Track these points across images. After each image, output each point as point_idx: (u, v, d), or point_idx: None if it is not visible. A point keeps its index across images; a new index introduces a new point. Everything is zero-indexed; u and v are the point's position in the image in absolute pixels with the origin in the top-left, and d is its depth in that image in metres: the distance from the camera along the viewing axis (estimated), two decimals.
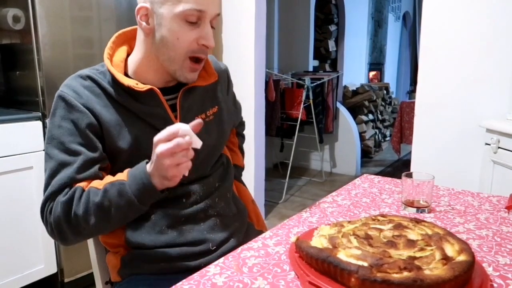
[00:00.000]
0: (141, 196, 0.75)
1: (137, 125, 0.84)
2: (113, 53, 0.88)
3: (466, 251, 0.60)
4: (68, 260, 1.90)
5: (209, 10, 0.81)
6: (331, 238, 0.65)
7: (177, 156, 0.70)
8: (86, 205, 0.76)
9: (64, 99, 0.82)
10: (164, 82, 0.89)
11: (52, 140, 0.81)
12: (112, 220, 0.77)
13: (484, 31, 1.83)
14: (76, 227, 0.77)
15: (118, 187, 0.75)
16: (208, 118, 0.93)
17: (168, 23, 0.80)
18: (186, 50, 0.82)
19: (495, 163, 1.68)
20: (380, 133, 5.31)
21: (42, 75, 1.75)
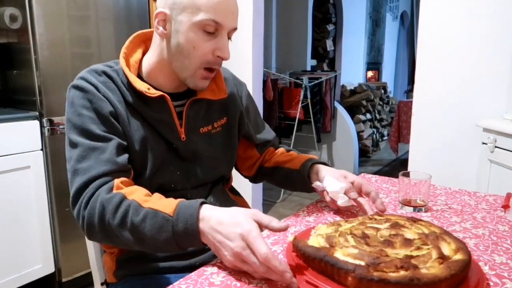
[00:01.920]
0: (182, 241, 0.67)
1: (145, 127, 0.84)
2: (129, 53, 0.88)
3: (462, 250, 0.60)
4: (66, 260, 1.90)
5: (227, 22, 0.81)
6: (328, 237, 0.65)
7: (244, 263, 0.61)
8: (123, 219, 0.70)
9: (83, 89, 0.81)
10: (174, 87, 0.89)
11: (74, 129, 0.79)
12: (145, 245, 0.70)
13: (481, 31, 1.84)
14: (108, 233, 0.72)
15: (160, 222, 0.67)
16: (215, 129, 0.93)
17: (185, 31, 0.80)
18: (201, 60, 0.82)
19: (492, 162, 1.69)
20: (378, 132, 5.32)
21: (39, 74, 1.75)
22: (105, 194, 0.72)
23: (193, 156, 0.89)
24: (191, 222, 0.65)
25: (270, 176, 1.06)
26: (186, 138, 0.87)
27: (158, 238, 0.67)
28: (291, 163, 1.00)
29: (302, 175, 0.96)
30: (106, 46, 2.01)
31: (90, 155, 0.76)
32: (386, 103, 5.55)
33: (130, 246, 0.72)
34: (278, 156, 1.06)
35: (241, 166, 1.09)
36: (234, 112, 0.98)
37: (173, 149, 0.87)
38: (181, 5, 0.79)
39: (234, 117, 0.98)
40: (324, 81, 4.03)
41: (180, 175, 0.88)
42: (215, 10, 0.78)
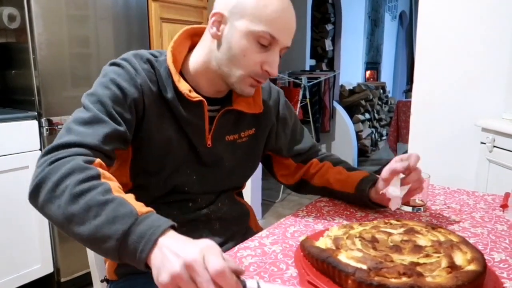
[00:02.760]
0: (130, 244, 0.58)
1: (173, 127, 0.83)
2: (177, 47, 0.85)
3: (477, 260, 0.58)
4: (65, 259, 1.90)
5: (283, 39, 0.79)
6: (336, 239, 0.65)
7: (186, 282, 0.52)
8: (84, 191, 0.62)
9: (123, 67, 0.79)
10: (213, 93, 0.87)
11: (93, 96, 0.76)
12: (80, 229, 0.61)
13: (479, 31, 1.84)
14: (53, 200, 0.63)
15: (123, 212, 0.60)
16: (241, 139, 0.92)
17: (239, 37, 0.78)
18: (249, 70, 0.80)
19: (491, 162, 1.69)
20: (377, 132, 5.33)
21: (38, 74, 1.75)
22: (82, 162, 0.66)
23: (214, 163, 0.88)
24: (154, 230, 0.57)
25: (320, 194, 1.03)
26: (211, 144, 0.86)
27: (106, 227, 0.59)
28: (343, 185, 0.95)
29: (360, 198, 0.92)
30: (105, 45, 2.01)
31: (93, 124, 0.73)
32: (385, 103, 5.55)
33: (61, 223, 0.63)
34: (326, 173, 0.98)
35: (276, 172, 1.05)
36: (264, 125, 0.95)
37: (196, 153, 0.86)
38: (242, 11, 0.77)
39: (263, 131, 0.96)
40: (323, 81, 4.04)
41: (195, 179, 0.87)
42: (275, 24, 0.77)
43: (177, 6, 2.42)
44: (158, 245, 0.57)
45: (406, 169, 0.82)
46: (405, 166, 0.82)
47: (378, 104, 5.32)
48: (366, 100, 4.96)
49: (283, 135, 1.01)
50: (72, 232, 0.62)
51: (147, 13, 2.23)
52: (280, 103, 1.01)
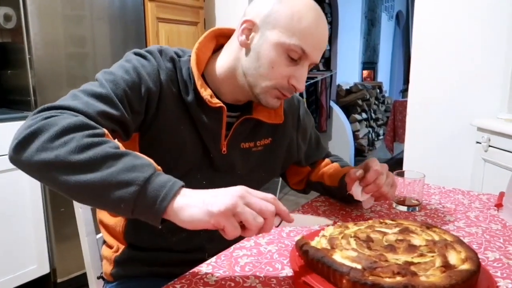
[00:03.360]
0: (149, 195, 0.56)
1: (189, 130, 0.81)
2: (201, 48, 0.82)
3: (471, 259, 0.58)
4: (61, 260, 1.89)
5: (313, 55, 0.77)
6: (331, 239, 0.66)
7: (243, 208, 0.55)
8: (93, 145, 0.58)
9: (148, 60, 0.77)
10: (234, 100, 0.85)
11: (111, 74, 0.73)
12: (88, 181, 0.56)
13: (475, 31, 1.85)
14: (49, 150, 0.57)
15: (140, 163, 0.58)
16: (256, 147, 0.90)
17: (269, 48, 0.75)
18: (275, 83, 0.77)
19: (486, 162, 1.70)
20: (374, 131, 5.34)
21: (33, 74, 1.74)
22: (86, 120, 0.63)
23: (226, 170, 0.86)
24: (175, 182, 0.58)
25: (315, 189, 1.04)
26: (226, 151, 0.84)
27: (124, 174, 0.56)
28: (331, 179, 0.96)
29: (340, 192, 0.93)
30: (101, 45, 2.00)
31: (101, 100, 0.68)
32: (381, 102, 5.56)
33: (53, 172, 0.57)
34: (322, 168, 1.01)
35: (290, 180, 1.06)
36: (282, 136, 0.93)
37: (209, 158, 0.84)
38: (275, 21, 0.75)
39: (280, 142, 0.93)
40: (320, 80, 4.04)
41: (205, 185, 0.84)
42: (308, 39, 0.75)
43: (174, 6, 2.41)
44: (181, 194, 0.57)
45: (362, 177, 0.83)
46: (359, 175, 0.83)
47: (375, 104, 5.33)
48: (363, 99, 4.97)
49: (303, 146, 1.00)
50: (71, 180, 0.56)
51: (144, 13, 2.23)
52: (301, 113, 0.99)
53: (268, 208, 0.57)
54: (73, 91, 0.70)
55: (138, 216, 0.57)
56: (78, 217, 0.95)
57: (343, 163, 1.02)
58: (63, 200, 1.83)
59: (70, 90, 0.70)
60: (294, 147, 0.97)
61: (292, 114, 0.96)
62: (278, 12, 0.75)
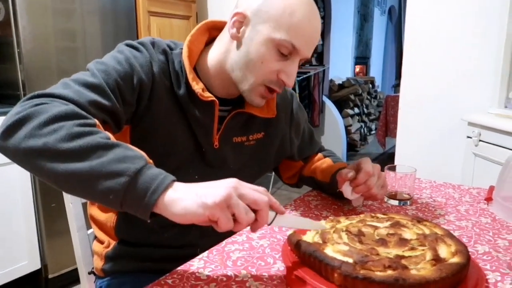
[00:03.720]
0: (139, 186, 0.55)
1: (180, 124, 0.80)
2: (194, 41, 0.81)
3: (461, 253, 0.59)
4: (52, 255, 1.88)
5: (304, 50, 0.75)
6: (323, 233, 0.66)
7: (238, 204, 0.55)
8: (83, 134, 0.57)
9: (141, 51, 0.76)
10: (225, 94, 0.84)
11: (102, 64, 0.72)
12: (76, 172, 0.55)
13: (467, 27, 1.86)
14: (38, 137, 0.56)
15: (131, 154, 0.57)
16: (249, 142, 0.89)
17: (259, 43, 0.74)
18: (264, 77, 0.76)
19: (476, 156, 1.72)
20: (366, 126, 5.36)
21: (22, 68, 1.72)
22: (77, 109, 0.61)
23: (219, 164, 0.85)
24: (166, 176, 0.57)
25: (307, 183, 1.03)
26: (218, 145, 0.83)
27: (114, 165, 0.55)
28: (323, 175, 0.96)
29: (332, 188, 0.92)
30: (92, 40, 1.98)
31: (93, 90, 0.67)
32: (374, 97, 5.59)
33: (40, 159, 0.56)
34: (314, 163, 1.01)
35: (283, 175, 1.05)
36: (275, 131, 0.93)
37: (201, 152, 0.83)
38: (266, 16, 0.73)
39: (272, 136, 0.93)
40: (313, 75, 4.04)
41: (197, 180, 0.83)
42: (299, 35, 0.73)
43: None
44: (173, 188, 0.56)
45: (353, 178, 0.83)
46: (350, 176, 0.83)
47: (367, 99, 5.36)
48: (355, 94, 4.99)
49: (296, 140, 0.99)
50: (59, 168, 0.55)
51: (135, 7, 2.21)
52: (294, 107, 0.98)
53: (262, 198, 0.56)
54: (64, 79, 0.69)
55: (127, 209, 0.56)
56: (68, 212, 0.94)
57: (336, 158, 1.02)
58: (54, 195, 1.81)
59: (62, 79, 0.69)
60: (287, 142, 0.97)
61: (285, 108, 0.95)
62: (270, 5, 0.74)
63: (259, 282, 0.60)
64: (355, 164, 0.86)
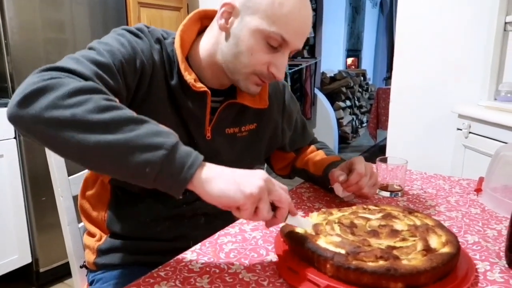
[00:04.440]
0: (174, 162, 0.54)
1: (173, 115, 0.79)
2: (186, 30, 0.79)
3: (451, 243, 0.59)
4: (43, 249, 1.87)
5: (294, 43, 0.74)
6: (315, 225, 0.66)
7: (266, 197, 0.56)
8: (110, 107, 0.55)
9: (141, 38, 0.75)
10: (217, 84, 0.83)
11: (106, 45, 0.69)
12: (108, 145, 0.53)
13: (457, 20, 1.87)
14: (62, 108, 0.53)
15: (163, 131, 0.56)
16: (241, 133, 0.88)
17: (248, 34, 0.72)
18: (254, 69, 0.75)
19: (466, 148, 1.74)
20: (357, 119, 5.38)
21: (10, 60, 1.69)
22: (99, 85, 0.60)
23: (211, 156, 0.83)
24: (198, 154, 0.57)
25: (299, 175, 1.03)
26: (211, 137, 0.83)
27: (151, 138, 0.54)
28: (315, 168, 0.96)
29: (324, 182, 0.92)
30: (81, 30, 1.95)
31: (104, 70, 0.65)
32: (365, 90, 5.60)
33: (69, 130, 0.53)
34: (307, 155, 1.01)
35: (275, 166, 1.05)
36: (267, 121, 0.92)
37: (193, 144, 0.81)
38: (255, 6, 0.72)
39: (265, 127, 0.92)
40: (304, 68, 4.04)
41: None
42: (289, 27, 0.71)
43: None
44: (207, 166, 0.57)
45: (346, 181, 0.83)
46: (342, 180, 0.83)
47: (359, 91, 5.37)
48: (347, 87, 5.00)
49: (288, 131, 0.99)
50: (91, 139, 0.52)
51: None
52: (286, 98, 0.97)
53: (287, 198, 0.59)
54: (73, 55, 0.65)
55: (160, 184, 0.55)
56: (59, 206, 0.93)
57: (328, 151, 1.02)
58: (44, 189, 1.80)
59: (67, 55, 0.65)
60: (279, 132, 0.97)
61: (277, 98, 0.95)
62: None
63: (252, 273, 0.60)
64: (348, 163, 0.86)
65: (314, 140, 1.08)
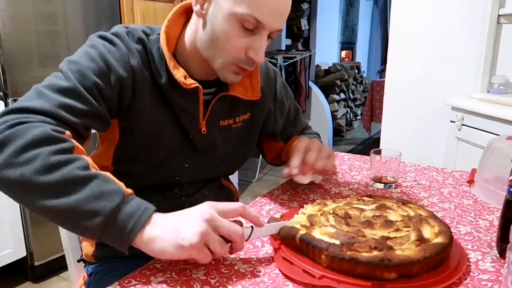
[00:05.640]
0: (119, 222, 0.56)
1: (167, 114, 0.78)
2: (171, 25, 0.77)
3: (444, 233, 0.60)
4: (38, 243, 1.86)
5: (270, 23, 0.70)
6: (310, 216, 0.67)
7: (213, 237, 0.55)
8: (61, 164, 0.56)
9: (115, 44, 0.72)
10: (205, 75, 0.81)
11: (75, 64, 0.68)
12: (59, 206, 0.55)
13: (451, 13, 1.87)
14: (16, 166, 0.56)
15: (109, 189, 0.57)
16: (236, 124, 0.87)
17: (222, 19, 0.70)
18: (232, 56, 0.72)
19: (459, 140, 1.75)
20: (352, 112, 5.40)
21: (2, 52, 1.66)
22: (52, 131, 0.59)
23: (208, 150, 0.84)
24: (143, 211, 0.57)
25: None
26: (206, 131, 0.82)
27: (91, 203, 0.55)
28: (287, 157, 0.93)
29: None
30: (74, 23, 1.92)
31: (69, 95, 0.64)
32: (359, 82, 5.61)
33: (21, 193, 0.57)
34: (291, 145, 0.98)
35: (267, 154, 1.04)
36: (261, 110, 0.91)
37: (189, 139, 0.81)
38: None
39: (259, 116, 0.92)
40: (299, 60, 4.03)
41: (187, 168, 0.83)
42: (262, 7, 0.68)
43: None
44: (150, 225, 0.57)
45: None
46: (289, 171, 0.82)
47: (353, 84, 5.38)
48: (341, 80, 5.00)
49: (280, 119, 0.98)
50: (38, 204, 0.56)
51: None
52: (277, 85, 0.96)
53: (237, 231, 0.57)
54: (38, 86, 0.65)
55: (107, 243, 0.58)
56: None
57: (306, 135, 1.01)
58: None
59: (32, 87, 0.66)
60: (270, 121, 0.96)
61: (269, 87, 0.93)
62: None
63: (248, 265, 0.61)
64: (293, 149, 0.86)
65: (305, 128, 1.07)
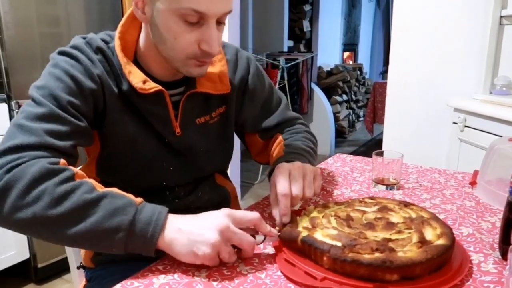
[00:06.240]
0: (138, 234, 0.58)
1: (136, 120, 0.76)
2: (126, 31, 0.75)
3: (446, 235, 0.60)
4: (41, 245, 1.87)
5: (213, 10, 0.66)
6: (312, 218, 0.67)
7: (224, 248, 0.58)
8: (67, 193, 0.58)
9: (76, 58, 0.71)
10: (170, 76, 0.79)
11: (44, 88, 0.67)
12: (77, 233, 0.57)
13: (453, 14, 1.87)
14: (26, 206, 0.57)
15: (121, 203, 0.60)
16: (213, 119, 0.86)
17: (164, 19, 0.68)
18: (185, 52, 0.70)
19: (462, 141, 1.75)
20: (354, 113, 5.39)
21: (5, 55, 1.68)
22: (47, 164, 0.60)
23: (188, 151, 0.83)
24: (158, 215, 0.59)
25: None
26: (181, 132, 0.80)
27: (108, 221, 0.57)
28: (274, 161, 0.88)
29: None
30: (76, 25, 1.94)
31: (48, 120, 0.64)
32: (362, 84, 5.60)
33: (39, 231, 0.59)
34: (273, 145, 0.95)
35: (251, 151, 1.02)
36: (233, 100, 0.88)
37: (165, 143, 0.80)
38: None
39: (232, 107, 0.89)
40: (301, 62, 4.03)
41: (172, 171, 0.82)
42: None
43: None
44: (167, 227, 0.59)
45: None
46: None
47: (355, 86, 5.37)
48: (343, 81, 5.00)
49: (251, 107, 0.93)
50: (59, 236, 0.58)
51: None
52: (250, 73, 0.91)
53: (249, 242, 0.60)
54: (16, 121, 0.65)
55: (132, 252, 0.60)
56: None
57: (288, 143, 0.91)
58: None
59: (10, 122, 0.66)
60: (237, 109, 0.91)
61: (241, 76, 0.89)
62: None
63: (250, 266, 0.61)
64: (272, 185, 0.75)
65: (291, 122, 0.99)
